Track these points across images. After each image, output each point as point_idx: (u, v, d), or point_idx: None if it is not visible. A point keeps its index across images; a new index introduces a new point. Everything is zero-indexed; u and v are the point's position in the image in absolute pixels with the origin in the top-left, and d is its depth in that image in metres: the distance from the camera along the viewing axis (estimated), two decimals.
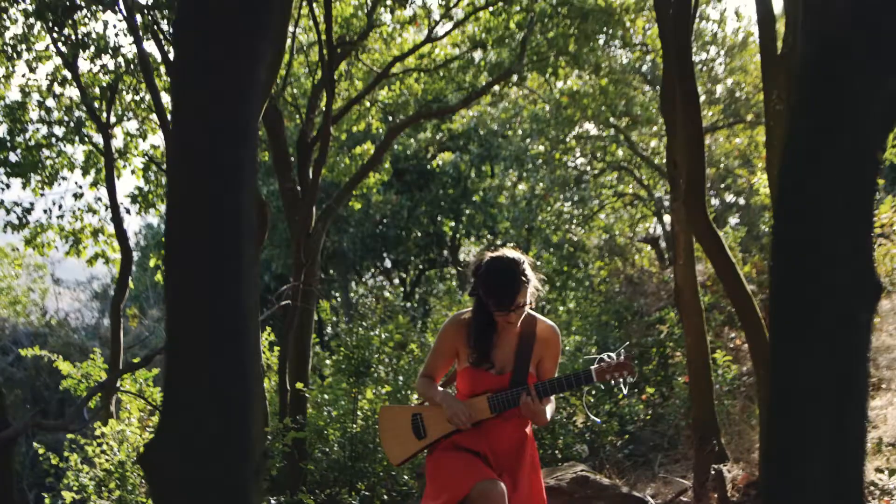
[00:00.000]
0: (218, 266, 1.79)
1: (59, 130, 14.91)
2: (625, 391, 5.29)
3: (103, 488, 10.46)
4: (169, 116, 12.60)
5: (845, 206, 1.69)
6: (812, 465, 1.84)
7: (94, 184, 15.53)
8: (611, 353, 5.19)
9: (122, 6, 11.46)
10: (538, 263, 17.45)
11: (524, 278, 5.08)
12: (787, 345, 1.78)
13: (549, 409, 5.21)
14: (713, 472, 8.58)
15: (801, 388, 1.77)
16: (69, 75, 13.90)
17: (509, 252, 5.21)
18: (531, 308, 5.25)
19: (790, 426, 1.82)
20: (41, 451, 10.90)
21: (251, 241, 1.79)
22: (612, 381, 5.14)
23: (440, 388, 5.35)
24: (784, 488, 1.87)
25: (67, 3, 11.06)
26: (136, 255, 17.49)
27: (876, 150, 1.72)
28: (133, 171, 15.52)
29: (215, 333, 1.81)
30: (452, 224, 25.32)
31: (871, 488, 7.83)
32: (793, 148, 1.78)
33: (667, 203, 17.23)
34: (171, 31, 11.54)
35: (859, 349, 1.76)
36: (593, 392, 11.43)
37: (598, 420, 6.87)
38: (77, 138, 14.92)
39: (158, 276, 16.74)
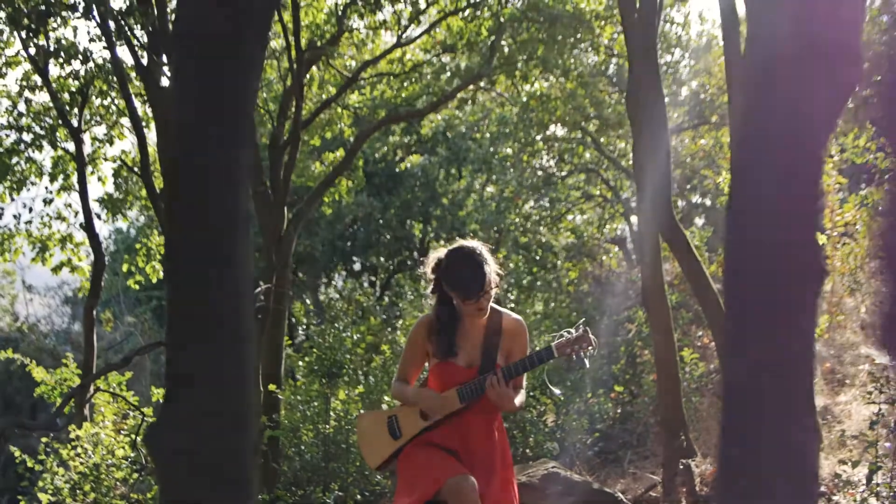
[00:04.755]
0: (216, 254, 1.92)
1: (28, 136, 14.86)
2: (587, 363, 5.34)
3: (78, 491, 10.50)
4: (142, 122, 12.70)
5: (792, 197, 1.84)
6: (761, 444, 1.98)
7: (64, 189, 15.47)
8: (570, 329, 5.28)
9: (95, 13, 11.53)
10: (510, 265, 17.66)
11: (487, 264, 5.16)
12: (738, 328, 1.93)
13: (519, 398, 5.28)
14: (682, 467, 8.71)
15: (751, 369, 1.91)
16: (39, 80, 13.88)
17: (465, 242, 5.30)
18: (494, 300, 5.37)
19: (740, 408, 1.96)
20: (17, 453, 10.93)
21: (247, 231, 1.93)
22: (574, 355, 5.23)
23: (413, 388, 5.41)
24: (734, 464, 2.01)
25: (42, 10, 11.09)
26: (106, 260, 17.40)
27: (819, 148, 1.87)
28: (100, 178, 15.47)
29: (213, 318, 1.94)
30: (422, 227, 25.38)
31: (836, 480, 7.99)
32: (741, 141, 1.93)
33: (634, 204, 17.39)
34: (144, 37, 11.60)
35: (806, 331, 1.91)
36: (565, 389, 11.58)
37: (557, 392, 6.94)
38: (47, 143, 14.87)
39: (131, 282, 16.67)
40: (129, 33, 11.51)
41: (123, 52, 12.63)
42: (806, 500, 2.02)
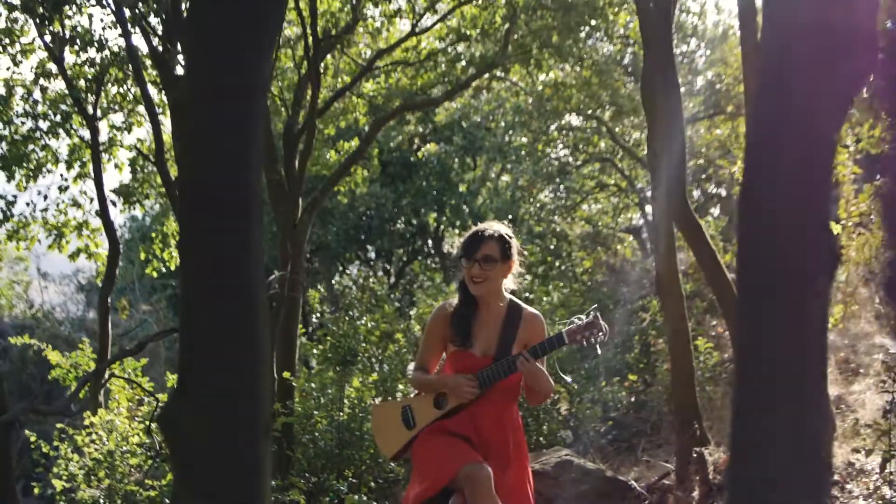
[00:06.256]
0: (229, 238, 1.93)
1: (43, 124, 14.90)
2: (598, 350, 5.36)
3: (92, 477, 10.57)
4: (156, 109, 12.75)
5: (805, 182, 1.84)
6: (773, 431, 1.98)
7: (79, 176, 15.52)
8: (580, 315, 5.31)
9: (109, 0, 11.56)
10: (525, 253, 17.67)
11: (493, 232, 5.23)
12: (750, 312, 1.93)
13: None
14: (695, 456, 8.71)
15: (764, 351, 1.91)
16: (55, 68, 13.92)
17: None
18: (510, 293, 5.38)
19: (752, 395, 1.97)
20: (32, 438, 11.00)
21: (259, 216, 1.94)
22: (584, 341, 5.25)
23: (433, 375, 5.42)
24: (747, 453, 2.01)
25: None
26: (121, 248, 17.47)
27: (833, 131, 1.87)
28: (117, 166, 15.54)
29: (225, 303, 1.96)
30: (436, 215, 25.41)
31: (850, 469, 7.99)
32: (755, 126, 1.93)
33: (649, 193, 17.36)
34: (158, 24, 11.62)
35: (818, 314, 1.91)
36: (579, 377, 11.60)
37: (569, 379, 6.99)
38: (62, 131, 14.91)
39: (150, 269, 16.72)
40: (143, 21, 11.54)
41: (139, 41, 12.65)
42: (818, 486, 2.03)
